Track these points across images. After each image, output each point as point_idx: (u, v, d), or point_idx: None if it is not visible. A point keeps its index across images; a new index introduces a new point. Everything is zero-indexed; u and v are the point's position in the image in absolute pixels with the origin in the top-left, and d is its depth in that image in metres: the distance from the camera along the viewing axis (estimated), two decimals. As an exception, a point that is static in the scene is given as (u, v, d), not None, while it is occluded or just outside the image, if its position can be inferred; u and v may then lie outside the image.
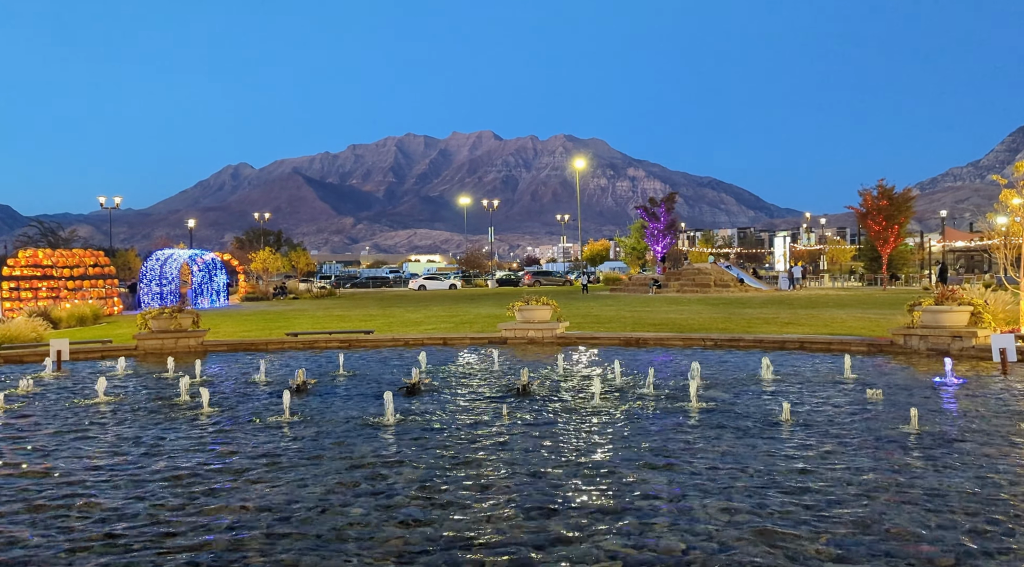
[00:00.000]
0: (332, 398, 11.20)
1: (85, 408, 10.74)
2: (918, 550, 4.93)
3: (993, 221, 21.66)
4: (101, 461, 7.64)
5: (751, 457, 7.29)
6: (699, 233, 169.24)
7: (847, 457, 7.25)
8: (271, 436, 8.67)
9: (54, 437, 8.84)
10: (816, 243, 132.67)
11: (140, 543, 5.30)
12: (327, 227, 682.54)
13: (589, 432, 8.57)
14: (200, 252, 50.32)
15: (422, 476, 6.83)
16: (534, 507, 5.89)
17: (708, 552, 4.94)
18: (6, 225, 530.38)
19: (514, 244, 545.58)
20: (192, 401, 10.96)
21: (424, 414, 9.74)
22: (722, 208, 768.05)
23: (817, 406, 9.87)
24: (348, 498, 6.25)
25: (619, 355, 15.63)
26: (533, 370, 13.48)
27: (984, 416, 9.08)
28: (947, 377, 11.68)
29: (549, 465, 7.15)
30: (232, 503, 6.16)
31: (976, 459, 7.14)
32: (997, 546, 4.98)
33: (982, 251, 65.35)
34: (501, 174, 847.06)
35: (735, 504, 5.87)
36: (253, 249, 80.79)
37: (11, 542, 5.37)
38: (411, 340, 19.46)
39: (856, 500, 5.95)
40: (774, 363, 13.67)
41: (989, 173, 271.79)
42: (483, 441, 8.21)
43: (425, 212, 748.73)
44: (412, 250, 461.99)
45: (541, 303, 19.82)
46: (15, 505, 6.22)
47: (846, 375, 12.21)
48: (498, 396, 11.05)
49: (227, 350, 18.80)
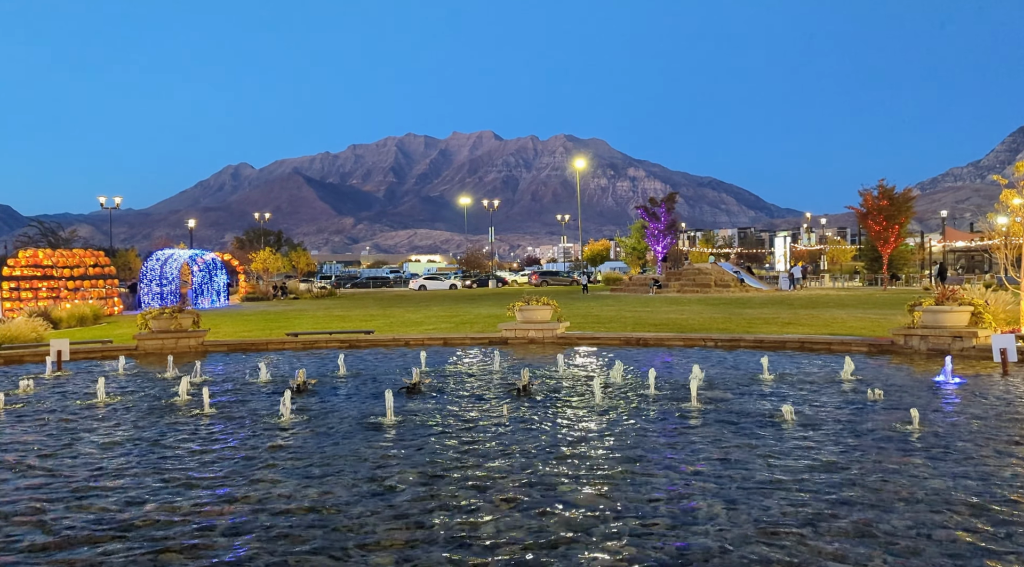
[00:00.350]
0: (332, 398, 11.20)
1: (85, 408, 10.74)
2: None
3: (993, 221, 21.65)
4: (100, 461, 7.64)
5: (752, 457, 7.28)
6: (699, 233, 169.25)
7: (848, 456, 7.25)
8: (271, 436, 8.67)
9: (53, 437, 8.84)
10: (816, 243, 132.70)
11: (138, 543, 5.30)
12: (327, 227, 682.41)
13: (590, 432, 8.56)
14: (200, 252, 50.33)
15: (422, 476, 6.82)
16: (535, 507, 5.89)
17: (710, 552, 4.94)
18: (6, 225, 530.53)
19: (514, 244, 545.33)
20: (192, 401, 10.96)
21: (424, 414, 9.74)
22: (722, 208, 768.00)
23: (818, 406, 9.86)
24: (348, 497, 6.25)
25: (620, 355, 15.62)
26: (534, 370, 13.48)
27: (984, 417, 9.08)
28: (947, 377, 11.67)
29: (550, 466, 7.14)
30: (231, 503, 6.16)
31: (976, 460, 7.13)
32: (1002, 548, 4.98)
33: (982, 251, 65.34)
34: (501, 174, 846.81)
35: (735, 504, 5.87)
36: (253, 249, 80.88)
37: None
38: (411, 340, 19.46)
39: (861, 500, 5.95)
40: (775, 363, 13.67)
41: (989, 173, 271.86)
42: (483, 441, 8.21)
43: (425, 212, 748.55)
44: (412, 250, 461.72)
45: (541, 303, 19.81)
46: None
47: (847, 375, 12.21)
48: (499, 396, 11.05)
49: (227, 350, 18.81)
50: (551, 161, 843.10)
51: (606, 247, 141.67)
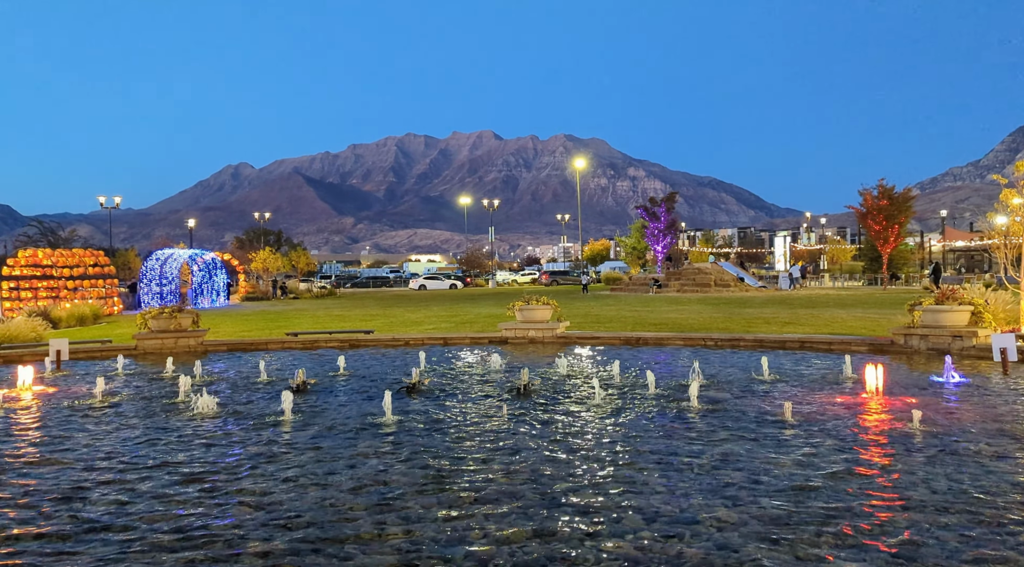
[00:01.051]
0: (332, 398, 11.19)
1: (85, 408, 10.73)
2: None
3: (993, 221, 21.64)
4: (98, 461, 7.63)
5: (751, 457, 7.27)
6: (699, 233, 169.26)
7: (850, 456, 7.24)
8: (270, 436, 8.66)
9: (50, 435, 8.83)
10: (816, 243, 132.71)
11: (137, 541, 5.29)
12: (327, 227, 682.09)
13: (590, 432, 8.55)
14: (200, 252, 50.30)
15: (421, 477, 6.81)
16: (534, 508, 5.88)
17: (709, 550, 4.93)
18: (6, 225, 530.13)
19: (515, 244, 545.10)
20: (191, 401, 10.94)
21: (424, 414, 9.73)
22: (722, 208, 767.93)
23: (818, 405, 9.84)
24: (347, 498, 6.24)
25: (620, 355, 15.61)
26: (534, 370, 13.46)
27: (984, 417, 9.06)
28: (947, 377, 11.65)
29: (550, 466, 7.13)
30: (230, 502, 6.15)
31: (976, 459, 7.12)
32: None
33: (982, 251, 65.34)
34: (501, 174, 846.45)
35: (735, 503, 5.86)
36: (253, 249, 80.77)
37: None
38: (411, 340, 19.45)
39: (858, 502, 5.94)
40: (775, 363, 13.65)
41: (989, 173, 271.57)
42: (483, 441, 8.19)
43: (425, 212, 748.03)
44: (412, 250, 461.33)
45: (541, 303, 19.80)
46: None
47: (847, 374, 12.19)
48: (498, 396, 11.03)
49: (227, 350, 18.79)
50: (551, 161, 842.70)
51: (606, 247, 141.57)
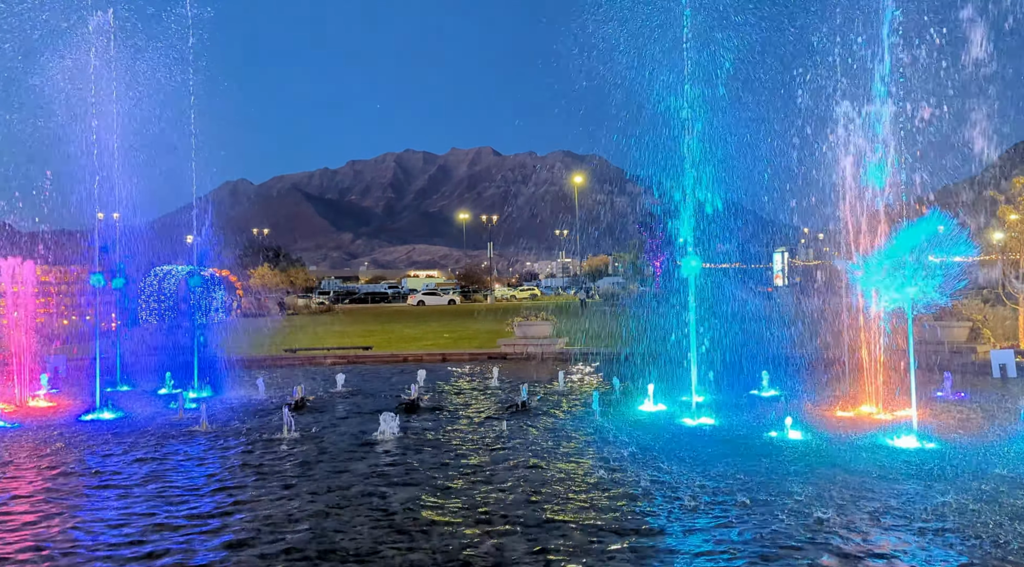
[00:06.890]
0: (331, 415, 11.15)
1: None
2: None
3: (990, 236, 21.66)
4: (91, 478, 7.61)
5: (753, 460, 7.25)
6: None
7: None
8: (268, 453, 8.62)
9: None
10: (814, 258, 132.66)
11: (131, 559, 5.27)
12: (326, 243, 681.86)
13: (588, 448, 8.53)
14: (199, 268, 50.24)
15: (419, 494, 6.79)
16: (532, 524, 5.86)
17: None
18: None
19: (513, 259, 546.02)
20: (188, 418, 10.90)
21: (422, 432, 9.69)
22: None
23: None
24: (345, 513, 6.21)
25: (619, 370, 15.54)
26: (532, 386, 13.43)
27: (986, 430, 9.05)
28: (947, 392, 11.62)
29: (549, 483, 7.11)
30: (231, 518, 6.13)
31: (976, 473, 7.11)
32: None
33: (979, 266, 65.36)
34: (500, 190, 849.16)
35: (737, 507, 5.85)
36: (252, 265, 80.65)
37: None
38: (410, 356, 19.42)
39: (859, 508, 5.93)
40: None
41: (986, 189, 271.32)
42: (481, 458, 8.17)
43: (424, 228, 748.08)
44: (411, 265, 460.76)
45: (540, 319, 19.79)
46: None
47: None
48: (497, 412, 11.00)
49: (226, 366, 18.66)
50: (549, 177, 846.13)
51: (605, 262, 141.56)
